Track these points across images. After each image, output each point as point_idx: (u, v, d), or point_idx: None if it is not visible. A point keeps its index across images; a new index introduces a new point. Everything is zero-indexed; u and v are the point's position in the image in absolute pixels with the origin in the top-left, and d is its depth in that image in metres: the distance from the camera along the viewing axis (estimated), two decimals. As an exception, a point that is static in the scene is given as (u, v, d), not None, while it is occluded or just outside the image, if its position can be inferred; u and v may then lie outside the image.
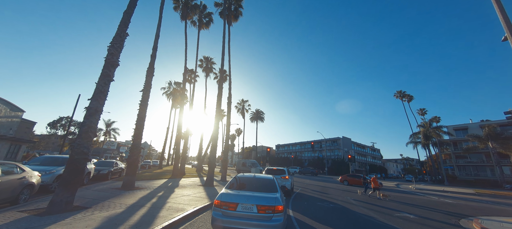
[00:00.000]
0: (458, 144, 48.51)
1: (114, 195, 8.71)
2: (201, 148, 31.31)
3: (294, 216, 7.80)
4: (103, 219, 5.55)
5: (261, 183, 5.95)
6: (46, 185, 8.98)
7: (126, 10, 8.93)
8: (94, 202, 7.31)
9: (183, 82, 22.35)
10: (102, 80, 7.60)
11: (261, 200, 4.73)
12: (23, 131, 27.78)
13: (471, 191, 24.95)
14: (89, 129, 7.07)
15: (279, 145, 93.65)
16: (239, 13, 22.36)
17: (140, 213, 6.41)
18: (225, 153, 21.02)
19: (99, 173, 14.47)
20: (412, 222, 8.17)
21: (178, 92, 32.65)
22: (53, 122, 51.21)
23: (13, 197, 6.62)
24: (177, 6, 22.57)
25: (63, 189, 6.18)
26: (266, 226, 4.47)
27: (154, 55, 12.75)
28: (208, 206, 8.29)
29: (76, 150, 6.72)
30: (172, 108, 37.57)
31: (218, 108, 16.56)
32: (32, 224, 4.84)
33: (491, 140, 34.54)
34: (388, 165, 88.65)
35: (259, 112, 58.35)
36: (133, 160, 11.09)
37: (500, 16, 8.19)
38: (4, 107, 22.05)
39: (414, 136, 48.72)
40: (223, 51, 18.02)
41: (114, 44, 8.12)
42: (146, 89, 11.87)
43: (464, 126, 49.12)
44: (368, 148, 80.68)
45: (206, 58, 32.03)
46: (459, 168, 47.76)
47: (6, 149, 20.78)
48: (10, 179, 6.51)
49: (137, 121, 11.49)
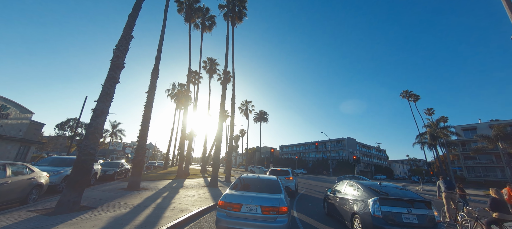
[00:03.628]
0: (466, 145, 47.47)
1: (120, 196, 8.82)
2: (205, 149, 31.47)
3: (299, 217, 7.75)
4: (109, 219, 5.62)
5: (265, 184, 5.94)
6: (54, 185, 9.14)
7: (131, 13, 9.06)
8: (101, 203, 7.42)
9: (187, 83, 22.54)
10: (108, 82, 7.72)
11: (265, 201, 4.73)
12: (32, 132, 28.43)
13: (480, 192, 24.40)
14: (96, 130, 7.19)
15: (283, 146, 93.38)
16: (243, 14, 22.43)
17: (145, 213, 6.47)
18: (229, 154, 21.08)
19: (105, 173, 14.67)
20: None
21: (182, 93, 32.90)
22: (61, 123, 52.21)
23: (23, 197, 6.77)
24: (181, 9, 22.77)
25: (70, 189, 6.30)
26: (270, 227, 4.45)
27: (159, 57, 12.89)
28: (213, 206, 8.32)
29: (83, 151, 6.84)
30: (176, 109, 37.89)
31: (222, 109, 16.63)
32: (41, 224, 4.94)
33: (501, 140, 33.62)
34: (394, 166, 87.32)
35: (262, 113, 58.35)
36: (138, 161, 11.21)
37: (509, 14, 7.99)
38: (14, 109, 22.62)
39: (421, 137, 47.80)
40: (226, 52, 18.11)
41: (120, 47, 8.24)
42: (151, 91, 12.00)
43: (472, 126, 48.06)
44: (373, 148, 79.72)
45: (209, 59, 32.22)
46: (467, 169, 46.71)
47: (16, 150, 21.29)
48: (19, 179, 6.65)
49: (142, 122, 11.62)
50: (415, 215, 5.08)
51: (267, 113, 58.57)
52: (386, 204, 5.26)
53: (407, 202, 5.30)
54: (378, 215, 5.08)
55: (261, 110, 58.73)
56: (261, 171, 38.65)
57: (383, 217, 5.05)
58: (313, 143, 75.58)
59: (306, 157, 79.46)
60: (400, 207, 5.21)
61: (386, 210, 5.17)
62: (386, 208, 5.19)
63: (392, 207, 5.20)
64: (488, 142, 36.47)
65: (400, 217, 5.04)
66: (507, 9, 8.12)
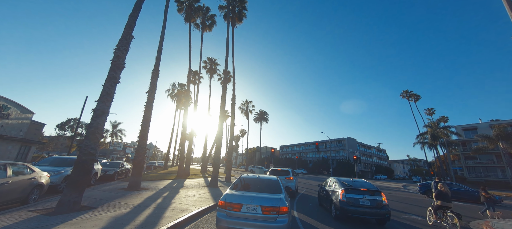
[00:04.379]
0: (467, 145, 47.39)
1: (120, 196, 8.83)
2: (206, 149, 31.49)
3: (299, 217, 7.76)
4: (110, 219, 5.63)
5: (265, 184, 5.94)
6: (55, 185, 9.16)
7: (131, 13, 9.07)
8: (101, 202, 7.43)
9: (187, 83, 22.56)
10: (109, 82, 7.72)
11: (265, 201, 4.73)
12: (33, 132, 28.50)
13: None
14: (96, 130, 7.19)
15: (283, 146, 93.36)
16: (243, 15, 22.44)
17: (145, 213, 6.48)
18: (230, 154, 21.09)
19: (105, 173, 14.70)
20: (420, 224, 8.02)
21: (182, 93, 32.93)
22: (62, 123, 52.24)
23: (23, 197, 6.78)
24: (181, 8, 22.78)
25: (71, 189, 6.30)
26: (271, 227, 4.45)
27: (159, 57, 12.90)
28: (213, 206, 8.33)
29: (84, 151, 6.84)
30: (177, 109, 37.92)
31: (222, 109, 16.64)
32: (42, 224, 4.95)
33: (502, 140, 33.55)
34: (394, 166, 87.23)
35: (263, 113, 58.37)
36: (138, 161, 11.23)
37: (510, 14, 7.98)
38: (15, 109, 22.66)
39: (421, 137, 47.75)
40: (227, 52, 18.11)
41: (120, 47, 8.25)
42: (151, 91, 12.02)
43: (473, 126, 47.99)
44: (374, 148, 79.63)
45: (210, 60, 32.24)
46: (468, 169, 46.64)
47: (17, 150, 21.32)
48: (20, 179, 6.66)
49: (142, 122, 11.64)
50: (369, 200, 7.42)
51: (267, 113, 58.63)
52: (350, 193, 7.59)
53: (364, 191, 7.59)
54: (344, 200, 7.48)
55: (261, 110, 58.84)
56: (262, 171, 38.65)
57: (346, 202, 7.43)
58: (314, 143, 75.53)
59: (307, 157, 79.42)
60: (359, 194, 7.53)
61: (349, 196, 7.49)
62: (349, 195, 7.51)
63: (353, 195, 7.52)
64: (488, 142, 36.39)
65: (358, 201, 7.40)
66: (508, 9, 8.11)
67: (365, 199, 7.40)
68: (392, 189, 25.20)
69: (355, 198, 7.43)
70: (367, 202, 7.35)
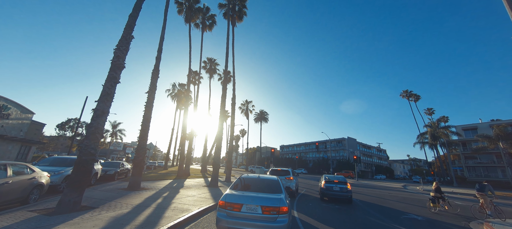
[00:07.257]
0: (467, 145, 47.33)
1: (120, 196, 8.84)
2: (206, 149, 31.49)
3: (299, 217, 7.75)
4: (110, 219, 5.63)
5: (265, 184, 5.94)
6: (55, 185, 9.16)
7: (131, 13, 9.07)
8: (101, 202, 7.43)
9: (187, 83, 22.55)
10: (109, 82, 7.73)
11: (265, 201, 4.72)
12: (33, 132, 28.48)
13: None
14: (96, 130, 7.20)
15: (283, 146, 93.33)
16: (244, 14, 22.38)
17: (146, 213, 6.48)
18: (230, 154, 21.09)
19: (106, 173, 14.71)
20: (420, 224, 8.02)
21: (182, 93, 32.92)
22: (62, 123, 52.29)
23: (24, 197, 6.78)
24: (181, 10, 22.72)
25: (71, 189, 6.31)
26: (271, 227, 4.45)
27: (159, 57, 12.90)
28: (213, 206, 8.33)
29: (84, 151, 6.85)
30: (177, 109, 37.91)
31: (222, 109, 16.63)
32: (42, 224, 4.95)
33: (502, 140, 33.54)
34: (394, 166, 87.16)
35: (263, 113, 58.35)
36: (139, 161, 11.23)
37: (510, 14, 7.97)
38: (15, 109, 22.66)
39: (422, 137, 47.79)
40: (227, 52, 18.09)
41: (120, 47, 8.25)
42: (151, 91, 12.02)
43: (473, 126, 47.93)
44: (374, 148, 79.57)
45: (210, 60, 32.22)
46: (468, 169, 46.59)
47: (17, 150, 21.33)
48: (20, 179, 6.66)
49: (142, 122, 11.64)
50: (339, 187, 11.68)
51: (267, 113, 58.59)
52: (328, 182, 12.09)
53: (336, 183, 11.93)
54: (324, 188, 11.96)
55: (262, 110, 58.79)
56: (262, 171, 38.62)
57: (325, 188, 11.90)
58: (314, 143, 75.47)
59: (307, 157, 79.37)
60: (333, 184, 11.92)
61: (327, 185, 11.97)
62: (327, 184, 12.00)
63: (329, 184, 11.96)
64: (489, 142, 36.38)
65: (332, 188, 11.76)
66: (508, 8, 8.10)
67: (336, 187, 11.72)
68: (392, 189, 25.18)
69: (330, 186, 11.84)
70: (338, 189, 11.64)
